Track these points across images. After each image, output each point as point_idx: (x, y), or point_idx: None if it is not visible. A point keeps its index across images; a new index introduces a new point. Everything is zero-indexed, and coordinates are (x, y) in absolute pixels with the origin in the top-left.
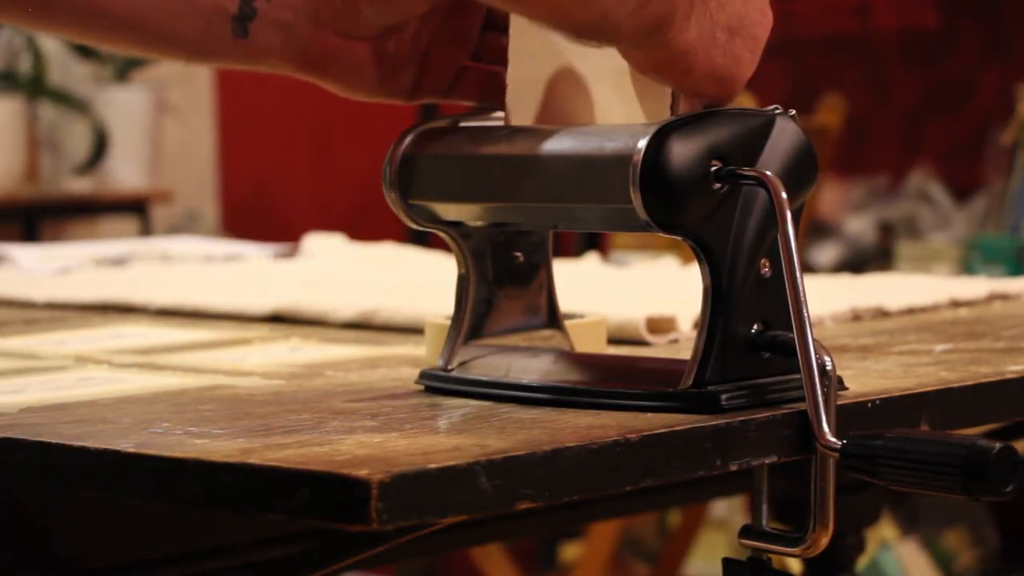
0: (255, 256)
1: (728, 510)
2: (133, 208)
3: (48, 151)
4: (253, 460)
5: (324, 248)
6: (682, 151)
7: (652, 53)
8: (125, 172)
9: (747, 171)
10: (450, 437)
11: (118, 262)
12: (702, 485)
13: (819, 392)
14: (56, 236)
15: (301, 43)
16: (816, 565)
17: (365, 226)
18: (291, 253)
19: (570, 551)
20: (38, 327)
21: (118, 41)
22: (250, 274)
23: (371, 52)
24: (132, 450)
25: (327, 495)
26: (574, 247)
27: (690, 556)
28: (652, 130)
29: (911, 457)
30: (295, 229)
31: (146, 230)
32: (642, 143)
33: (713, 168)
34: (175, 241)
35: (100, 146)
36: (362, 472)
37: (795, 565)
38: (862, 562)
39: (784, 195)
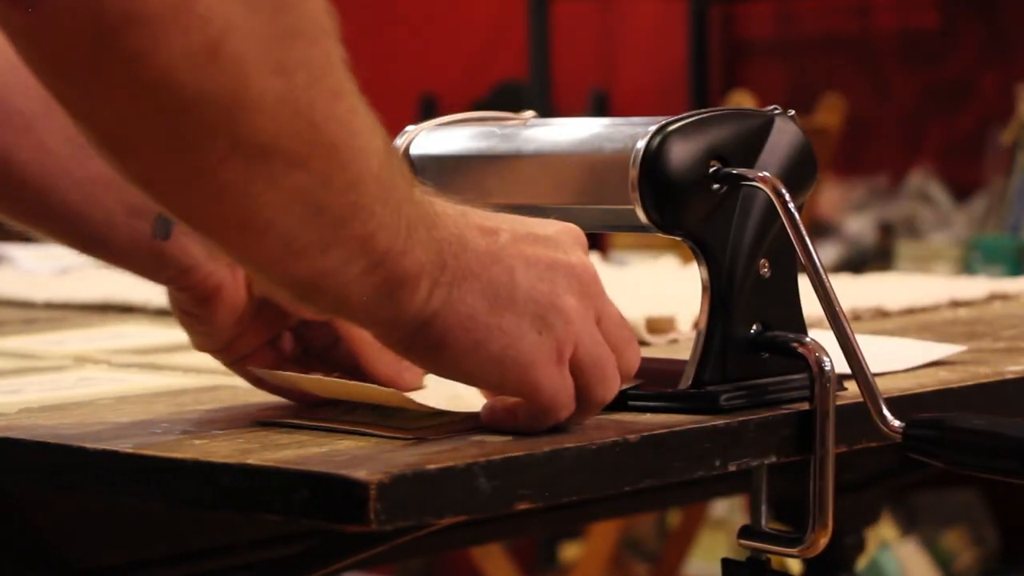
0: None
1: (728, 510)
2: None
3: None
4: (252, 460)
5: None
6: (681, 152)
7: (392, 328)
8: None
9: (747, 173)
10: (449, 437)
11: None
12: (702, 485)
13: (870, 378)
14: None
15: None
16: (816, 565)
17: None
18: None
19: (570, 551)
20: (38, 327)
21: (64, 241)
22: None
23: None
24: (131, 450)
25: (326, 496)
26: None
27: (690, 556)
28: (651, 131)
29: (971, 440)
30: None
31: None
32: (641, 144)
33: (712, 169)
34: None
35: None
36: (360, 473)
37: (795, 565)
38: (862, 562)
39: (787, 197)
